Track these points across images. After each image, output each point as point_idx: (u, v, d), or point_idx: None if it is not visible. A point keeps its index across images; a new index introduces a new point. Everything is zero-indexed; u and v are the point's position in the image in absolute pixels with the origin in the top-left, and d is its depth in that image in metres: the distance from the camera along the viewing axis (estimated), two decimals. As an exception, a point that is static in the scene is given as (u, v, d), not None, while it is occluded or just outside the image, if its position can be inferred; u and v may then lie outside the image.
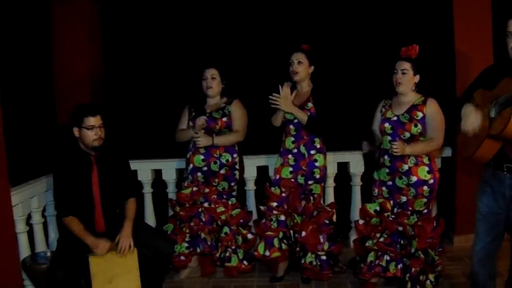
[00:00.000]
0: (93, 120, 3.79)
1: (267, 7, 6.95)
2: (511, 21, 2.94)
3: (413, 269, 4.10)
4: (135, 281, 3.90)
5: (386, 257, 4.22)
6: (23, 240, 4.17)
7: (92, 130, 3.79)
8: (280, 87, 4.39)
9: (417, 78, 4.09)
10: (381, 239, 4.22)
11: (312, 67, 4.52)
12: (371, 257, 4.28)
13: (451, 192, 5.36)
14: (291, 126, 4.52)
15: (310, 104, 4.45)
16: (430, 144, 4.03)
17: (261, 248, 4.52)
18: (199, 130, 4.45)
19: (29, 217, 4.35)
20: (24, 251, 4.15)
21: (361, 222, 4.41)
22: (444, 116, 4.00)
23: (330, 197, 5.19)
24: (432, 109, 4.02)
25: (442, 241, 4.31)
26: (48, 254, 4.19)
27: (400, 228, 4.18)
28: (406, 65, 4.05)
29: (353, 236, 5.14)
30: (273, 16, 6.98)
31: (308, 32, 6.77)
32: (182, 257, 4.61)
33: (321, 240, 4.47)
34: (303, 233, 4.41)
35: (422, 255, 4.10)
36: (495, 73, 3.13)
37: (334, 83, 5.64)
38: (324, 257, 4.49)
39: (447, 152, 5.17)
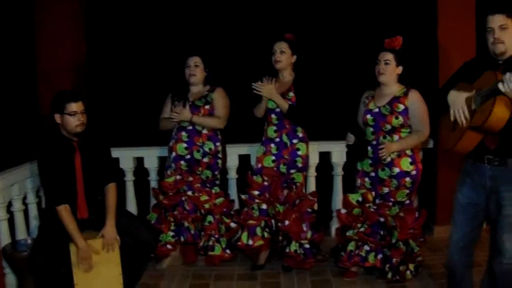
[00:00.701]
0: (75, 106, 3.75)
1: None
2: (490, 16, 3.00)
3: (393, 260, 4.14)
4: (117, 269, 3.89)
5: (366, 247, 4.26)
6: (3, 227, 4.12)
7: (74, 116, 3.74)
8: (264, 78, 4.42)
9: (400, 69, 4.12)
10: (362, 229, 4.26)
11: (295, 57, 4.52)
12: (351, 246, 4.32)
13: (432, 183, 5.39)
14: (273, 115, 4.53)
15: (291, 94, 4.45)
16: (417, 137, 4.07)
17: (244, 237, 4.52)
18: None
19: (9, 205, 4.31)
20: (5, 239, 4.10)
21: (343, 211, 4.43)
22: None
23: (312, 187, 5.20)
24: (415, 100, 4.05)
25: (423, 232, 4.34)
26: (29, 241, 4.16)
27: (382, 219, 4.21)
28: (389, 56, 4.08)
29: (334, 225, 5.18)
30: (257, 5, 6.95)
31: (291, 21, 6.76)
32: (169, 246, 4.59)
33: (304, 228, 4.48)
34: (286, 222, 4.41)
35: (402, 246, 4.14)
36: (476, 67, 3.16)
37: (317, 72, 5.65)
38: (307, 246, 4.51)
39: (429, 144, 5.20)
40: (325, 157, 5.29)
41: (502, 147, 3.03)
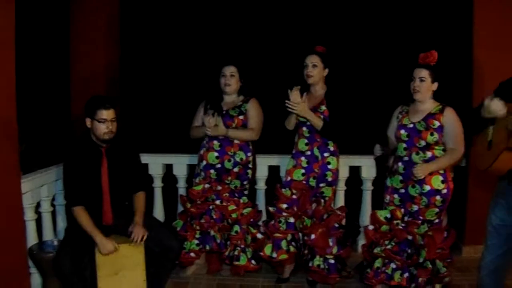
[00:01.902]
0: (106, 114, 3.78)
1: (285, 8, 6.94)
2: None
3: (420, 279, 4.07)
4: (141, 275, 3.91)
5: (392, 265, 4.21)
6: (31, 228, 4.16)
7: (103, 124, 3.78)
8: (289, 91, 4.34)
9: (435, 85, 4.05)
10: (389, 247, 4.20)
11: (327, 70, 4.49)
12: (377, 263, 4.27)
13: (462, 202, 5.32)
14: (304, 128, 4.50)
15: (323, 107, 4.42)
16: (453, 155, 3.98)
17: (268, 249, 4.50)
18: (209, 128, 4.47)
19: (38, 205, 4.36)
20: (32, 239, 4.15)
21: (370, 228, 4.38)
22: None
23: (341, 201, 5.16)
24: (450, 118, 3.98)
25: (451, 252, 4.26)
26: (55, 243, 4.22)
27: (410, 237, 4.16)
28: (425, 73, 4.01)
29: (361, 241, 5.12)
30: (291, 17, 6.97)
31: (324, 33, 6.75)
32: (192, 254, 4.60)
33: (330, 243, 4.43)
34: (313, 236, 4.38)
35: (430, 266, 4.07)
36: None
37: (349, 86, 5.62)
38: (332, 261, 4.45)
39: (462, 162, 5.13)
40: (355, 171, 5.25)
41: None
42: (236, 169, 4.55)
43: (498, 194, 3.28)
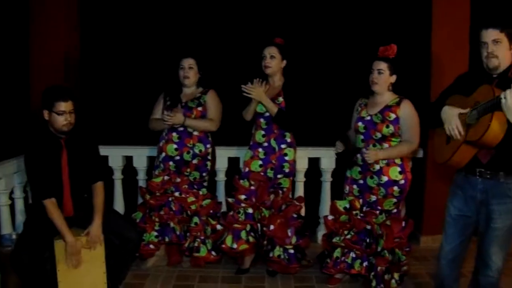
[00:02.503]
0: (64, 106, 3.71)
1: (244, 0, 6.93)
2: (484, 31, 3.04)
3: (378, 268, 4.13)
4: (101, 267, 3.89)
5: (352, 255, 4.26)
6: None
7: (62, 116, 3.72)
8: (250, 83, 4.39)
9: (393, 78, 4.10)
10: (348, 236, 4.25)
11: (285, 61, 4.52)
12: (337, 253, 4.32)
13: (420, 193, 5.41)
14: (262, 120, 4.53)
15: (280, 99, 4.45)
16: (406, 146, 4.05)
17: (228, 240, 4.52)
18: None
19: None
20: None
21: (330, 218, 4.43)
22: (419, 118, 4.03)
23: (300, 192, 5.21)
24: (407, 110, 4.04)
25: (409, 241, 4.34)
26: (14, 236, 4.15)
27: (368, 227, 4.21)
28: (383, 65, 4.06)
29: (321, 231, 5.18)
30: (249, 8, 6.95)
31: (283, 24, 6.74)
32: (151, 246, 4.58)
33: (289, 233, 4.47)
34: (272, 227, 4.42)
35: (388, 255, 4.13)
36: (472, 80, 3.20)
37: (308, 78, 5.65)
38: (291, 251, 4.50)
39: (419, 153, 5.21)
40: (314, 163, 5.29)
41: (495, 161, 3.08)
42: (195, 161, 4.55)
43: (455, 186, 3.37)
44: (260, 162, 4.51)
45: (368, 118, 4.14)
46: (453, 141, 3.15)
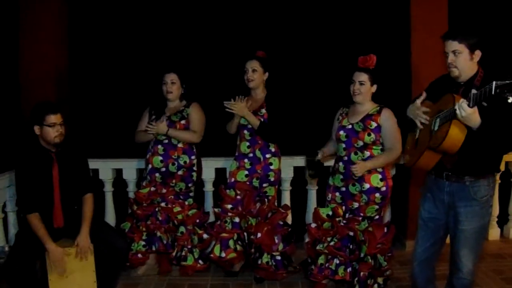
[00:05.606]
0: (54, 118, 3.85)
1: (225, 14, 6.99)
2: (445, 42, 3.15)
3: (361, 273, 4.20)
4: (91, 276, 3.98)
5: (336, 261, 4.33)
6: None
7: (53, 127, 3.84)
8: (232, 100, 4.48)
9: (374, 88, 4.17)
10: (332, 243, 4.32)
11: (267, 74, 4.62)
12: (321, 260, 4.38)
13: (404, 198, 5.50)
14: (246, 131, 4.63)
15: (263, 110, 4.55)
16: (389, 154, 4.12)
17: (217, 249, 4.62)
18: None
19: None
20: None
21: (313, 225, 4.51)
22: (399, 125, 4.10)
23: (287, 200, 5.28)
24: (387, 119, 4.11)
25: (395, 246, 4.41)
26: (6, 248, 4.23)
27: (351, 233, 4.28)
28: (364, 76, 4.12)
29: (307, 238, 5.25)
30: (231, 23, 7.00)
31: (264, 37, 6.78)
32: (139, 255, 4.68)
33: (276, 241, 4.57)
34: (259, 234, 4.50)
35: (370, 260, 4.21)
36: (440, 87, 3.32)
37: (289, 89, 5.73)
38: (279, 257, 4.61)
39: (401, 160, 5.28)
40: (300, 171, 5.35)
41: (459, 166, 3.17)
42: (180, 172, 4.63)
43: (426, 189, 3.49)
44: (246, 172, 4.61)
45: (350, 126, 4.20)
46: (419, 146, 3.27)
